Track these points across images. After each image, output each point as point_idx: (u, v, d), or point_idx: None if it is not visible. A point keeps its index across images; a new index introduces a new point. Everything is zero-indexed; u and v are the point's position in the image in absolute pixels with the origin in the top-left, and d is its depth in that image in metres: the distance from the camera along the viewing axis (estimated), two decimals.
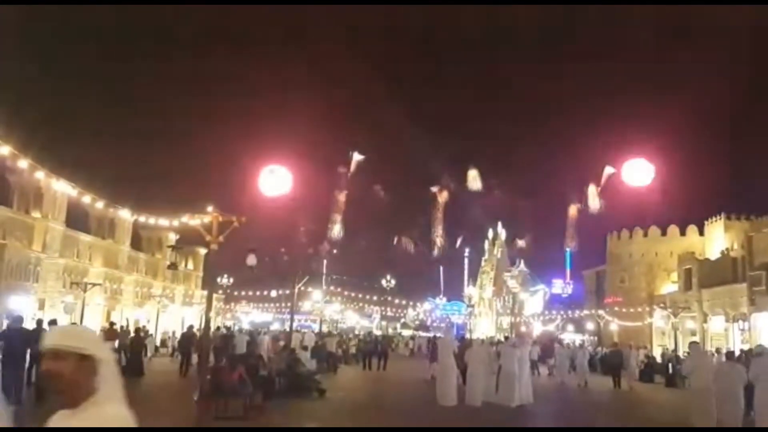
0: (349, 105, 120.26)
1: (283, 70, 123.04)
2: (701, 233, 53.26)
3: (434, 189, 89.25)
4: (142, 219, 19.87)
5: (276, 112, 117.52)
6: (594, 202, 66.69)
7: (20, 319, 14.54)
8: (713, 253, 49.60)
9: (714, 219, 51.27)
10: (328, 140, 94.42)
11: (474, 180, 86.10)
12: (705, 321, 46.36)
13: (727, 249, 47.89)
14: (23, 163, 15.18)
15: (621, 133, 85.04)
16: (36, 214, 41.59)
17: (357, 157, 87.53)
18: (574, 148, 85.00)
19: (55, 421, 2.34)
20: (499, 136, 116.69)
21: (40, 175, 16.37)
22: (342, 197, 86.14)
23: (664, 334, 48.20)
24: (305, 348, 24.70)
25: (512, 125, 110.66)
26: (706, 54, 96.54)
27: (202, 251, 60.45)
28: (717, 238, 50.12)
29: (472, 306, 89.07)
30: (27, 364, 14.06)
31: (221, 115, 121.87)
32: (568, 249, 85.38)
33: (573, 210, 77.98)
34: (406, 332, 73.21)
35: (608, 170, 76.62)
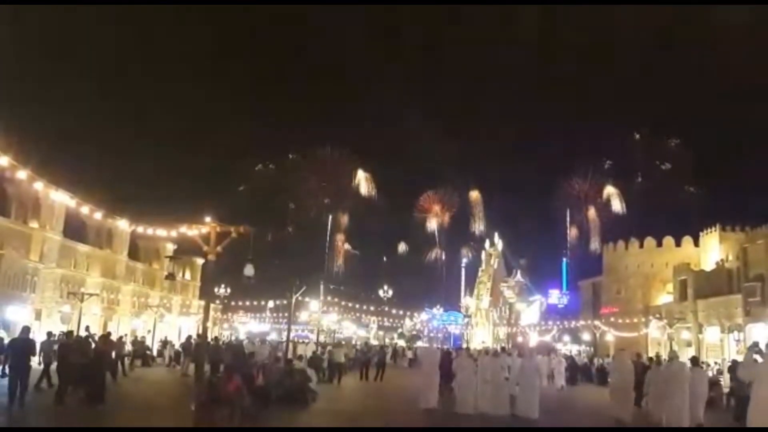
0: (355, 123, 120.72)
1: (283, 78, 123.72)
2: (696, 244, 53.48)
3: (437, 207, 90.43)
4: (140, 229, 19.98)
5: (278, 120, 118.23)
6: (594, 240, 67.62)
7: (27, 330, 15.59)
8: (708, 264, 49.79)
9: (709, 230, 51.50)
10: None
11: (476, 200, 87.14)
12: (700, 331, 46.48)
13: (722, 260, 48.09)
14: (22, 174, 15.32)
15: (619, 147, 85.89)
16: (34, 224, 41.63)
17: (361, 174, 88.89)
18: (572, 163, 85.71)
19: None
20: (499, 151, 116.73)
21: (38, 185, 16.51)
22: (345, 219, 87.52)
23: (660, 344, 48.32)
24: (300, 358, 24.85)
25: (512, 139, 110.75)
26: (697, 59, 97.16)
27: (200, 261, 60.47)
28: (712, 250, 50.32)
29: (469, 316, 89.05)
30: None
31: (222, 124, 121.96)
32: (565, 260, 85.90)
33: (573, 232, 78.86)
34: (402, 342, 73.17)
35: (609, 189, 77.53)
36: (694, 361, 17.95)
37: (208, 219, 15.37)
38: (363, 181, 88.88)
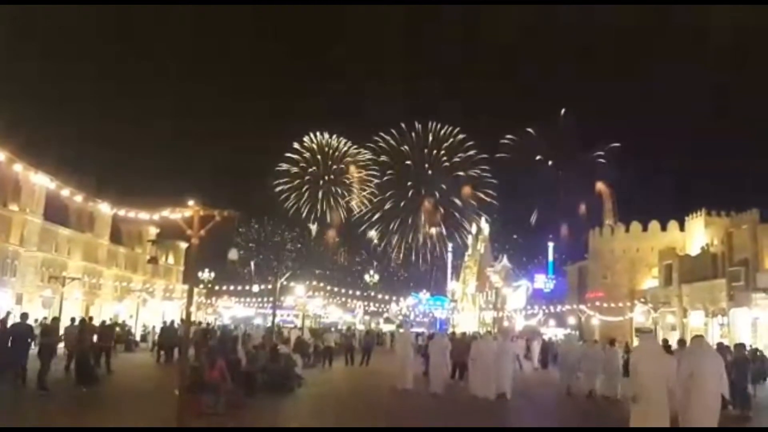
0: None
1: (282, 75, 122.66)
2: (682, 229, 53.65)
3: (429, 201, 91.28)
4: (122, 212, 19.52)
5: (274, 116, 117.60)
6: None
7: (26, 316, 16.81)
8: (694, 248, 49.98)
9: (695, 215, 51.62)
10: None
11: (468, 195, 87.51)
12: (685, 316, 46.77)
13: (707, 245, 48.26)
14: (0, 156, 14.84)
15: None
16: (14, 207, 40.94)
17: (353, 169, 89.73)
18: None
19: None
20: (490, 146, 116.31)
21: (17, 167, 16.02)
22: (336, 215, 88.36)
23: None
24: (286, 341, 24.65)
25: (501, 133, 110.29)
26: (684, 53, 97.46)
27: (184, 245, 59.90)
28: (697, 234, 50.50)
29: (455, 301, 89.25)
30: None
31: (207, 109, 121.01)
32: (550, 243, 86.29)
33: (564, 230, 79.24)
34: (388, 327, 73.21)
35: (600, 186, 77.94)
36: (611, 342, 21.62)
37: (191, 202, 15.00)
38: (355, 177, 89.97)
